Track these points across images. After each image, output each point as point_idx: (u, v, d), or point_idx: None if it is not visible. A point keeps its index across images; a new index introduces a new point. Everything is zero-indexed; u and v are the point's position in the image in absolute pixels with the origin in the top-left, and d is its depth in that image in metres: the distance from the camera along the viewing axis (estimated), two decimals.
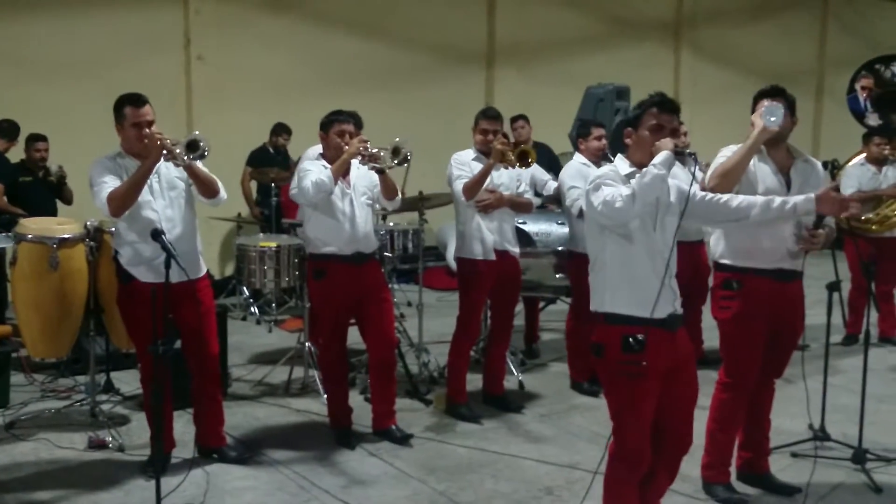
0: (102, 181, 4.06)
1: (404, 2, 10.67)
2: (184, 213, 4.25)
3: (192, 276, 4.16)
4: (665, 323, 3.22)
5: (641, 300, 3.18)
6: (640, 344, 3.16)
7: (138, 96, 4.17)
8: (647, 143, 3.28)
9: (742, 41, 13.90)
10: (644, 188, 3.11)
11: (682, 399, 3.38)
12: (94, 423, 4.98)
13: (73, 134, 7.97)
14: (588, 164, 5.71)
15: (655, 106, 3.32)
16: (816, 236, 3.84)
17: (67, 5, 8.64)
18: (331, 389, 4.95)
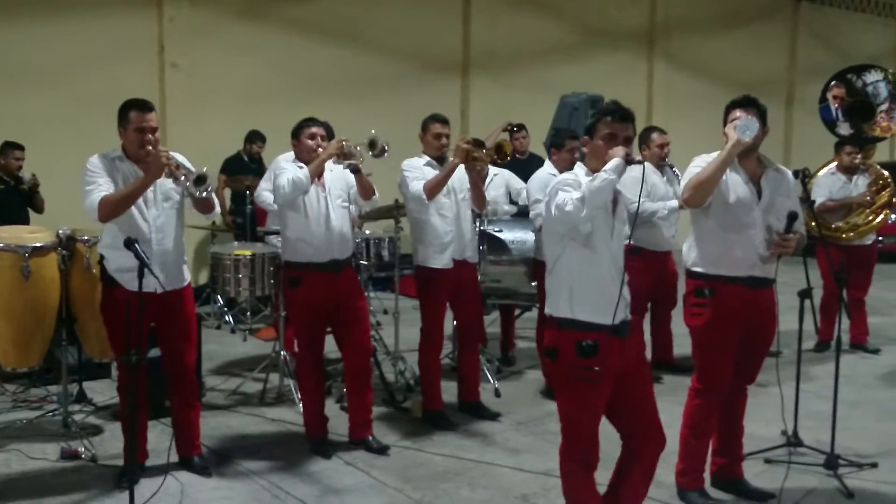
0: (97, 183, 4.04)
1: (379, 10, 10.68)
2: (174, 224, 4.26)
3: (178, 285, 4.23)
4: (617, 329, 3.32)
5: (598, 307, 3.30)
6: (593, 349, 3.27)
7: (145, 102, 4.18)
8: (601, 151, 3.38)
9: (714, 51, 14.08)
10: (593, 192, 3.21)
11: (643, 398, 3.50)
12: (66, 434, 4.93)
13: (45, 141, 7.90)
14: (556, 174, 5.72)
15: (609, 115, 3.42)
16: (788, 240, 3.88)
17: (40, 12, 8.56)
18: (306, 398, 4.93)
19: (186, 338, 4.39)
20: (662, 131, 6.25)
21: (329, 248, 4.71)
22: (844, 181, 7.12)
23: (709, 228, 3.99)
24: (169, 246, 4.20)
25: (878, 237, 7.32)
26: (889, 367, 6.82)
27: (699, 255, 4.03)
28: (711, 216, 3.97)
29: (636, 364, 3.46)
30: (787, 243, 3.89)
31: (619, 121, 3.39)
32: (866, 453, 4.79)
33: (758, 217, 3.92)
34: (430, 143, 5.24)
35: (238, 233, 8.56)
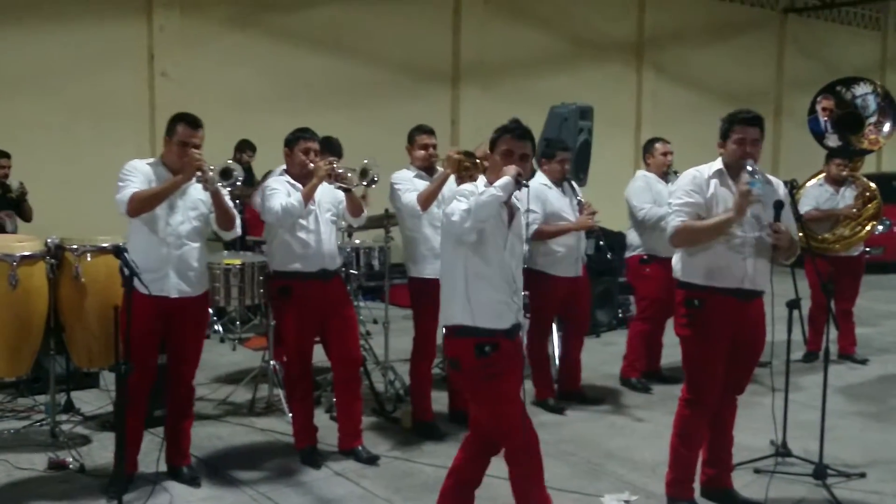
0: (131, 180, 4.15)
1: (369, 19, 10.71)
2: (197, 234, 4.32)
3: (194, 292, 4.31)
4: (509, 333, 3.50)
5: (494, 313, 3.46)
6: (493, 349, 3.43)
7: (195, 118, 4.26)
8: (497, 166, 3.53)
9: (703, 62, 14.17)
10: (478, 206, 3.35)
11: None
12: (54, 444, 4.90)
13: (33, 149, 7.89)
14: (549, 184, 5.77)
15: (508, 133, 3.58)
16: (778, 230, 3.89)
17: (30, 19, 8.54)
18: (295, 408, 4.91)
19: (194, 346, 4.44)
20: (665, 141, 6.39)
21: (318, 259, 4.72)
22: (832, 192, 7.17)
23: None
24: (188, 253, 4.27)
25: (866, 248, 7.36)
26: (877, 378, 6.86)
27: (690, 266, 4.06)
28: None
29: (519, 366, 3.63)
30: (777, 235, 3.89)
31: (517, 138, 3.56)
32: (855, 463, 4.81)
33: (748, 230, 3.94)
34: (417, 154, 5.26)
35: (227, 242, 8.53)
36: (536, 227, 5.61)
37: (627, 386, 6.36)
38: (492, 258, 3.46)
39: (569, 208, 5.75)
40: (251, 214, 7.78)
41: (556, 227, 5.66)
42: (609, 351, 7.60)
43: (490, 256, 3.46)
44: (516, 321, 3.54)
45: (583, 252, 5.90)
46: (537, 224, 5.62)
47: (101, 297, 4.54)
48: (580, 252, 5.83)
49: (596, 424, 5.61)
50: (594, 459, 4.95)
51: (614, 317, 8.58)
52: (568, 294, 5.80)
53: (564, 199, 5.77)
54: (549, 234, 5.66)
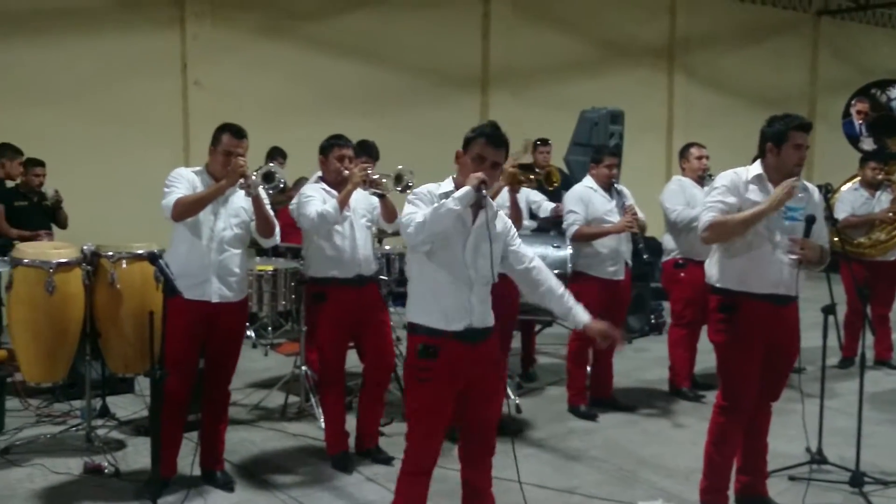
0: (176, 186, 4.24)
1: (398, 26, 10.75)
2: (238, 241, 4.39)
3: (233, 298, 4.36)
4: (462, 335, 3.34)
5: (439, 314, 3.34)
6: (433, 352, 3.32)
7: (240, 128, 4.34)
8: (467, 169, 3.37)
9: (735, 66, 14.05)
10: (434, 219, 3.24)
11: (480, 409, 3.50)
12: (89, 448, 4.95)
13: (69, 158, 8.00)
14: (595, 187, 5.79)
15: (483, 137, 3.37)
16: (805, 246, 3.85)
17: (65, 30, 8.69)
18: (328, 413, 4.93)
19: (232, 351, 4.48)
20: (700, 145, 6.35)
21: (354, 265, 4.75)
22: (867, 197, 7.07)
23: (733, 245, 3.98)
24: (229, 259, 4.32)
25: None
26: None
27: (724, 271, 4.02)
28: None
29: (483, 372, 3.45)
30: (803, 251, 3.85)
31: (491, 145, 3.36)
32: (892, 471, 4.73)
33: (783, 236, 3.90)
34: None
35: (259, 248, 8.59)
36: (577, 227, 5.70)
37: (679, 396, 6.28)
38: (445, 260, 3.34)
39: (613, 212, 5.73)
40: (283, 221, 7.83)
41: (595, 230, 5.70)
42: (641, 357, 7.56)
43: (442, 258, 3.34)
44: (476, 325, 3.38)
45: (626, 256, 5.86)
46: (577, 225, 5.70)
47: (136, 303, 4.60)
48: (623, 255, 5.80)
49: (629, 431, 5.57)
50: (627, 466, 4.92)
51: (647, 322, 8.52)
52: (609, 296, 5.78)
53: (609, 203, 5.76)
54: (587, 236, 5.71)
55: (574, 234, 5.73)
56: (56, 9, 8.68)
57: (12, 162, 7.10)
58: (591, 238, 5.71)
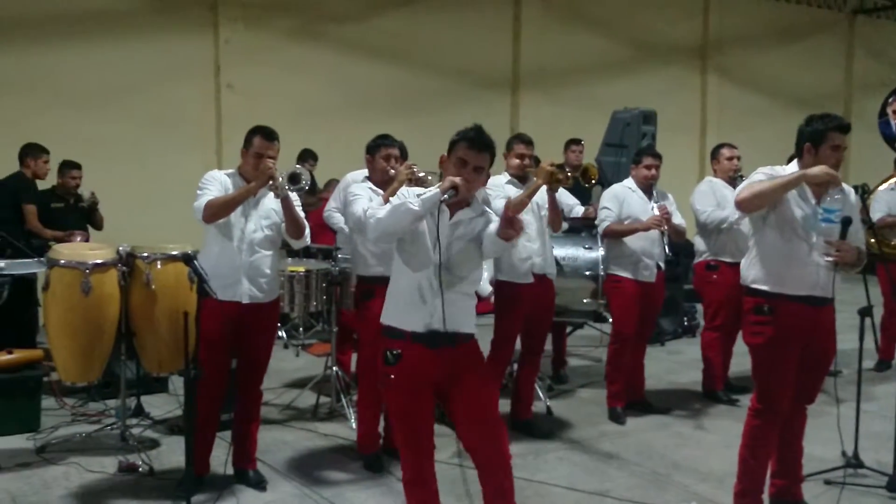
0: (209, 189, 4.28)
1: (429, 28, 10.77)
2: (269, 242, 4.42)
3: (265, 299, 4.40)
4: (422, 338, 3.25)
5: (399, 314, 3.29)
6: (394, 357, 3.26)
7: (271, 131, 4.37)
8: (449, 172, 3.29)
9: (769, 65, 13.90)
10: (391, 218, 3.19)
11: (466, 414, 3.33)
12: (124, 447, 5.01)
13: (104, 161, 8.10)
14: (633, 188, 5.79)
15: (466, 141, 3.28)
16: (841, 248, 3.79)
17: (100, 35, 8.81)
18: (364, 413, 4.93)
19: (263, 351, 4.52)
20: (732, 146, 6.30)
21: None
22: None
23: (769, 246, 3.94)
24: (260, 261, 4.36)
25: None
26: None
27: (760, 272, 3.98)
28: (772, 234, 3.92)
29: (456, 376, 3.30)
30: (839, 254, 3.80)
31: (473, 148, 3.25)
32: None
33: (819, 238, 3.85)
34: (512, 162, 5.33)
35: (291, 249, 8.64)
36: (607, 224, 5.73)
37: (713, 399, 6.22)
38: (411, 258, 3.27)
39: (649, 213, 5.70)
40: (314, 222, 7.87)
41: (625, 227, 5.70)
42: (674, 360, 7.50)
43: (409, 255, 3.28)
44: (437, 328, 3.23)
45: (658, 258, 5.82)
46: (608, 222, 5.73)
47: (170, 303, 4.64)
48: (655, 257, 5.76)
49: (662, 434, 5.53)
50: (660, 470, 4.88)
51: (680, 325, 8.46)
52: (642, 299, 5.75)
53: (646, 204, 5.73)
54: (617, 233, 5.71)
55: (604, 231, 5.77)
56: (93, 14, 8.81)
57: (37, 161, 7.15)
58: (620, 235, 5.70)
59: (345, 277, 5.66)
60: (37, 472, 4.69)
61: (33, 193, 7.15)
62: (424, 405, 3.33)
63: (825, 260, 3.82)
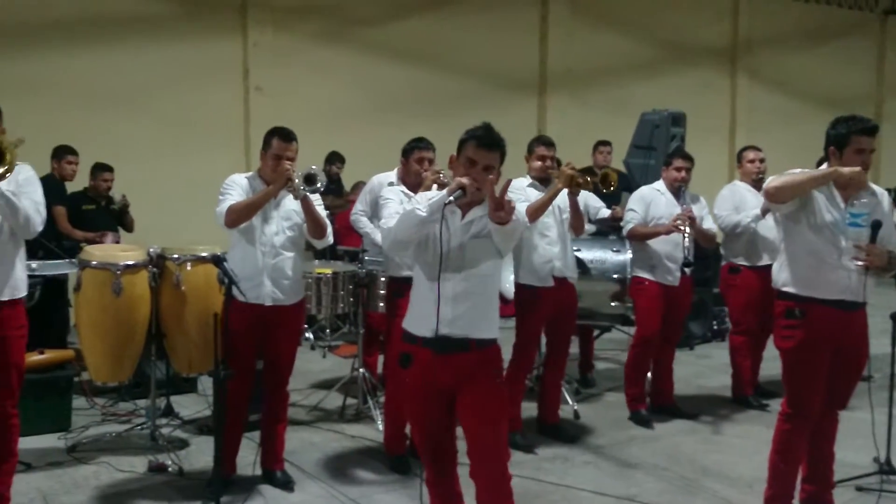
0: (229, 193, 4.31)
1: (456, 30, 10.77)
2: (291, 244, 4.43)
3: (289, 301, 4.41)
4: (430, 343, 3.18)
5: (415, 318, 3.25)
6: (406, 361, 3.23)
7: (289, 132, 4.38)
8: (458, 172, 3.22)
9: (799, 67, 13.75)
10: (400, 224, 3.20)
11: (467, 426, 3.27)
12: (153, 447, 5.05)
13: (135, 163, 8.17)
14: (662, 190, 5.78)
15: (474, 140, 3.20)
16: (871, 252, 3.74)
17: (132, 38, 8.89)
18: (391, 414, 4.92)
19: (288, 352, 4.53)
20: (756, 148, 6.26)
21: None
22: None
23: (799, 250, 3.90)
24: (282, 263, 4.37)
25: None
26: None
27: (790, 275, 3.94)
28: (802, 237, 3.88)
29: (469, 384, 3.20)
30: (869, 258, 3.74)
31: (483, 147, 3.17)
32: None
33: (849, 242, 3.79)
34: (534, 164, 5.30)
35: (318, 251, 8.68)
36: (631, 226, 5.72)
37: (743, 403, 6.16)
38: (425, 264, 3.22)
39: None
40: (341, 224, 7.91)
41: (648, 230, 5.68)
42: (704, 364, 7.45)
43: (423, 261, 3.23)
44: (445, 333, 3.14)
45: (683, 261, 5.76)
46: (633, 224, 5.71)
47: (200, 304, 4.69)
48: (678, 261, 5.71)
49: (691, 439, 5.48)
50: (689, 475, 4.84)
51: (709, 328, 8.38)
52: (666, 302, 5.71)
53: (675, 207, 5.67)
54: (640, 236, 5.69)
55: (628, 233, 5.76)
56: (124, 17, 8.90)
57: (60, 162, 7.20)
58: (643, 238, 5.68)
59: (371, 279, 5.67)
60: (67, 471, 4.73)
61: (62, 195, 7.21)
62: (437, 409, 3.27)
63: (855, 264, 3.77)
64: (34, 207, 3.69)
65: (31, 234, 3.75)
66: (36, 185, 3.79)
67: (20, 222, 3.63)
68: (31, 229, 3.70)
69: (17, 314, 3.80)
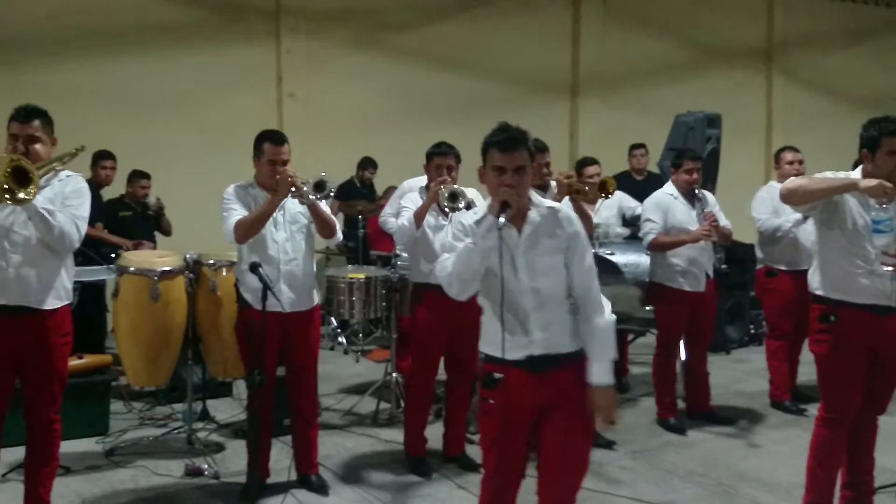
0: (231, 209, 4.29)
1: (487, 35, 10.76)
2: (302, 247, 4.42)
3: (305, 306, 4.39)
4: (522, 364, 2.99)
5: (493, 342, 3.03)
6: (494, 381, 3.04)
7: (279, 135, 4.38)
8: (492, 185, 3.01)
9: (836, 66, 13.54)
10: (460, 267, 2.98)
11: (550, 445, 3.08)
12: (190, 451, 5.09)
13: (171, 169, 8.26)
14: (675, 194, 5.64)
15: (495, 146, 3.00)
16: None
17: (167, 46, 9.01)
18: (410, 416, 4.95)
19: (310, 358, 4.52)
20: (794, 149, 6.14)
21: None
22: None
23: (832, 253, 3.86)
24: (296, 268, 4.36)
25: None
26: None
27: (823, 279, 3.89)
28: (834, 241, 3.84)
29: (554, 405, 3.04)
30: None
31: (507, 151, 2.97)
32: None
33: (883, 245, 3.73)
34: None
35: (350, 256, 8.74)
36: (653, 237, 5.55)
37: (780, 409, 6.07)
38: (489, 288, 3.04)
39: (694, 221, 5.58)
40: (373, 229, 7.94)
41: (672, 239, 5.54)
42: (740, 368, 7.36)
43: (487, 286, 3.04)
44: (535, 353, 2.99)
45: (707, 267, 5.69)
46: (654, 234, 5.56)
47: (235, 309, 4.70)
48: (703, 266, 5.64)
49: (727, 444, 5.42)
50: (726, 481, 4.78)
51: (746, 332, 8.28)
52: (691, 310, 5.63)
53: (690, 211, 5.60)
54: (664, 246, 5.55)
55: (650, 244, 5.57)
56: (159, 26, 9.01)
57: (95, 167, 7.24)
58: (667, 248, 5.54)
59: (404, 284, 5.69)
60: (105, 474, 4.79)
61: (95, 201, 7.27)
62: (522, 429, 3.07)
63: (884, 269, 3.71)
64: (72, 223, 3.65)
65: (68, 249, 3.74)
66: (82, 198, 3.77)
67: (55, 237, 3.62)
68: (67, 245, 3.69)
69: (63, 322, 3.82)
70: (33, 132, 3.67)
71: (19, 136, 3.66)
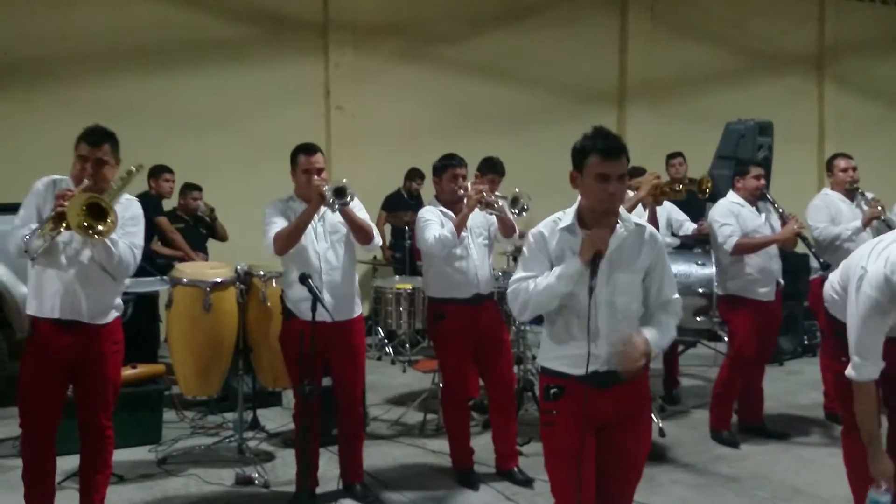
0: (272, 221, 4.34)
1: (534, 44, 10.75)
2: (343, 257, 4.43)
3: (348, 316, 4.40)
4: (588, 379, 2.92)
5: (561, 357, 3.02)
6: (558, 394, 3.02)
7: (311, 146, 4.44)
8: (591, 193, 2.93)
9: (888, 72, 13.27)
10: (537, 301, 2.97)
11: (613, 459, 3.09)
12: (241, 460, 5.14)
13: (222, 182, 8.40)
14: (741, 202, 5.56)
15: (599, 154, 2.88)
16: None
17: (217, 62, 9.17)
18: (451, 430, 4.94)
19: (355, 368, 4.52)
20: (847, 156, 6.01)
21: (473, 286, 4.78)
22: None
23: None
24: (338, 277, 4.38)
25: None
26: None
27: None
28: None
29: (621, 419, 3.04)
30: None
31: (611, 158, 2.87)
32: None
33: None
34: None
35: (398, 267, 8.77)
36: (736, 239, 5.41)
37: (835, 421, 5.89)
38: (563, 307, 3.01)
39: (765, 227, 5.50)
40: None
41: (759, 240, 5.43)
42: (794, 380, 7.22)
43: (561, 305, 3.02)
44: (602, 367, 2.95)
45: (777, 274, 5.58)
46: (736, 237, 5.42)
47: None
48: (774, 274, 5.53)
49: (781, 458, 5.31)
50: (780, 495, 4.69)
51: (799, 344, 8.12)
52: (762, 319, 5.50)
53: (759, 218, 5.52)
54: (750, 247, 5.41)
55: (736, 246, 5.40)
56: (210, 42, 9.18)
57: (157, 180, 7.43)
58: (754, 249, 5.41)
59: None
60: (158, 482, 4.86)
61: (160, 210, 7.41)
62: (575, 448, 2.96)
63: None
64: (130, 251, 3.75)
65: (125, 276, 3.86)
66: (139, 225, 3.88)
67: (114, 265, 3.72)
68: (123, 272, 3.80)
69: (115, 331, 3.90)
70: (103, 155, 3.76)
71: (89, 158, 3.74)
